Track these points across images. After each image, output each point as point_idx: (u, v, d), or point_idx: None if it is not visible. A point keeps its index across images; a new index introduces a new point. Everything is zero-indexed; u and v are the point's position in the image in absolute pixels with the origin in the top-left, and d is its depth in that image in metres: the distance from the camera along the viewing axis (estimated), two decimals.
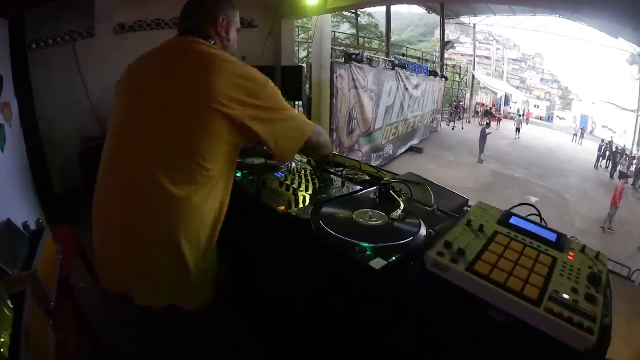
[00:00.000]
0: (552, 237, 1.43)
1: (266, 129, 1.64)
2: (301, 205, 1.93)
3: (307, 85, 8.90)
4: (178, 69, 1.62)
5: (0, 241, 2.01)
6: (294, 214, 1.81)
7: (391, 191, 1.92)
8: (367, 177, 2.45)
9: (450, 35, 29.79)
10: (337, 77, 9.60)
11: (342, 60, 10.34)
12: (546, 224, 1.65)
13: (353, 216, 1.71)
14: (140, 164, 1.55)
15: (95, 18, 5.53)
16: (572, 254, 1.34)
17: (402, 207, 1.74)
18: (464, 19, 31.76)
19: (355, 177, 2.43)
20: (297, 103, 8.00)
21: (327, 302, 1.66)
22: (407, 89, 15.60)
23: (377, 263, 1.34)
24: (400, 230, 1.58)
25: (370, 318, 1.49)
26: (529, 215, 1.68)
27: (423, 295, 1.29)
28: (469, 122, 30.36)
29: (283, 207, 1.88)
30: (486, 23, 32.81)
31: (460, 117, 29.47)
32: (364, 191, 2.11)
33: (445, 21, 26.06)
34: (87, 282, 3.04)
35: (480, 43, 40.66)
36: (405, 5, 29.89)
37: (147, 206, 1.54)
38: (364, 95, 11.40)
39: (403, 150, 17.02)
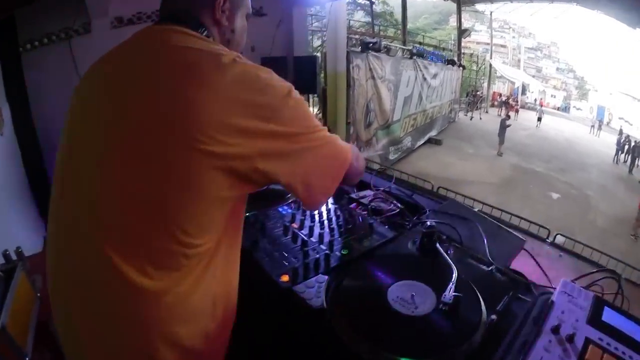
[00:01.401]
0: None
1: (289, 168, 1.06)
2: (313, 271, 1.37)
3: (322, 76, 8.50)
4: (143, 82, 1.02)
5: None
6: (301, 293, 1.26)
7: (438, 245, 1.41)
8: (398, 207, 1.92)
9: (465, 23, 29.50)
10: (353, 67, 9.22)
11: (359, 50, 9.94)
12: (622, 292, 1.34)
13: (388, 298, 1.17)
14: (87, 238, 0.99)
15: (89, 12, 5.15)
16: None
17: (455, 276, 1.23)
18: (479, 6, 31.44)
19: (385, 207, 1.92)
20: (311, 95, 7.60)
21: None
22: (425, 79, 15.34)
23: None
24: (453, 324, 1.10)
25: None
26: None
27: None
28: (487, 112, 30.35)
29: (286, 278, 1.34)
30: (502, 10, 32.52)
31: (477, 107, 29.25)
32: (399, 239, 1.61)
33: (461, 8, 25.74)
34: None
35: (495, 31, 40.58)
36: None
37: (104, 301, 0.99)
38: (381, 86, 11.05)
39: (421, 142, 16.77)
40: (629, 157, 20.79)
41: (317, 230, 1.65)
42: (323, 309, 1.18)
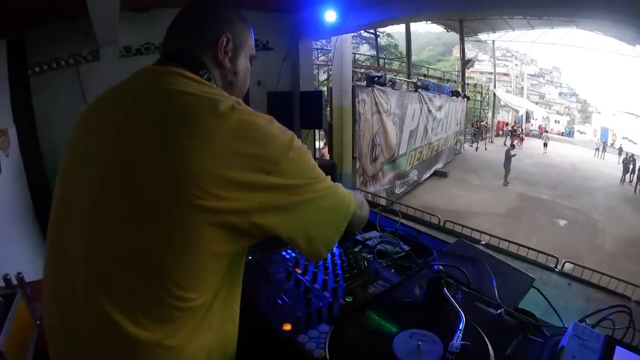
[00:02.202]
0: None
1: (290, 222, 1.02)
2: (316, 320, 1.33)
3: (328, 111, 8.55)
4: (138, 128, 0.99)
5: None
6: (304, 344, 1.21)
7: (445, 290, 1.39)
8: (405, 250, 1.91)
9: (468, 52, 29.69)
10: (359, 102, 9.30)
11: (364, 84, 9.98)
12: (634, 326, 1.34)
13: (394, 348, 1.14)
14: (82, 287, 0.96)
15: (98, 40, 5.24)
16: None
17: (463, 324, 1.20)
18: (482, 36, 31.86)
19: (391, 249, 1.90)
20: (317, 130, 7.60)
21: None
22: (430, 111, 15.43)
23: None
24: None
25: None
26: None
27: None
28: (492, 142, 30.34)
29: (289, 327, 1.29)
30: (504, 39, 32.88)
31: (482, 137, 29.21)
32: (406, 284, 1.58)
33: (464, 38, 25.88)
34: None
35: (498, 60, 40.91)
36: (423, 24, 29.88)
37: (97, 348, 0.95)
38: (387, 120, 11.11)
39: (427, 175, 16.77)
40: (634, 176, 20.91)
41: (321, 276, 1.62)
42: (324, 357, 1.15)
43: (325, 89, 11.52)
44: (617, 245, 11.72)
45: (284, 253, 1.82)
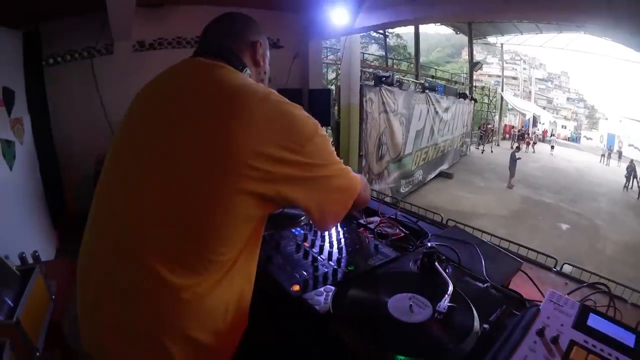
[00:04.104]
0: (631, 340, 1.12)
1: (308, 193, 1.24)
2: (321, 283, 1.53)
3: (335, 109, 8.70)
4: (195, 111, 1.19)
5: None
6: (311, 301, 1.42)
7: (436, 263, 1.55)
8: (404, 232, 2.08)
9: (477, 55, 29.59)
10: (366, 101, 9.35)
11: (372, 83, 10.07)
12: (614, 305, 1.46)
13: (389, 306, 1.32)
14: (127, 240, 1.16)
15: (113, 33, 5.38)
16: None
17: (451, 289, 1.37)
18: (491, 39, 31.59)
19: (390, 231, 2.07)
20: (325, 127, 7.74)
21: None
22: (437, 112, 15.44)
23: None
24: (448, 330, 1.23)
25: None
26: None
27: None
28: (498, 145, 30.25)
29: (297, 287, 1.50)
30: (513, 42, 32.77)
31: (489, 140, 29.14)
32: (402, 259, 1.75)
33: (473, 41, 25.83)
34: None
35: (506, 63, 40.72)
36: (432, 26, 29.81)
37: (132, 291, 1.14)
38: (394, 120, 11.17)
39: (433, 175, 16.77)
40: (636, 182, 20.86)
41: (326, 249, 1.81)
42: (329, 314, 1.32)
43: (333, 87, 11.59)
44: (618, 250, 11.75)
45: (293, 230, 2.01)
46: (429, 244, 1.76)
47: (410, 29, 19.09)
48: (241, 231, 1.20)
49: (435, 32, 39.08)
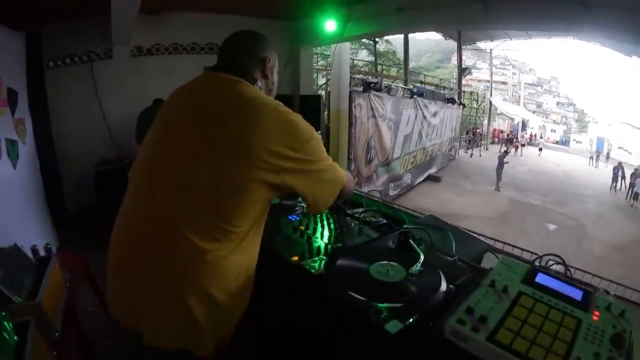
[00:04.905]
0: (578, 295, 1.36)
1: (305, 183, 1.57)
2: (315, 255, 1.89)
3: (325, 114, 8.92)
4: (220, 117, 1.51)
5: (5, 267, 1.98)
6: (307, 266, 1.76)
7: (410, 240, 1.87)
8: (385, 221, 2.40)
9: (466, 60, 29.81)
10: (355, 106, 9.55)
11: (361, 89, 10.22)
12: (571, 274, 1.66)
13: (370, 270, 1.65)
14: (164, 214, 1.48)
15: (113, 39, 5.61)
16: (597, 313, 1.28)
17: (422, 259, 1.69)
18: (480, 44, 31.80)
19: (374, 220, 2.38)
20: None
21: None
22: (425, 117, 15.55)
23: (393, 326, 1.29)
24: (419, 287, 1.53)
25: None
26: (551, 265, 1.69)
27: None
28: (487, 149, 30.29)
29: (296, 258, 1.85)
30: (502, 48, 32.95)
31: (477, 144, 29.36)
32: (382, 238, 2.07)
33: (462, 47, 26.03)
34: (95, 307, 3.01)
35: (496, 68, 40.67)
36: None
37: (164, 254, 1.45)
38: (382, 124, 11.33)
39: (421, 179, 16.87)
40: (624, 182, 21.11)
41: (319, 230, 2.18)
42: (322, 275, 1.66)
43: (323, 93, 11.81)
44: (606, 250, 11.91)
45: (290, 217, 2.38)
46: (405, 227, 2.08)
47: (400, 35, 19.22)
48: (253, 210, 1.52)
49: (425, 38, 39.40)
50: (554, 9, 4.56)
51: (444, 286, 1.54)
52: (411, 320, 1.32)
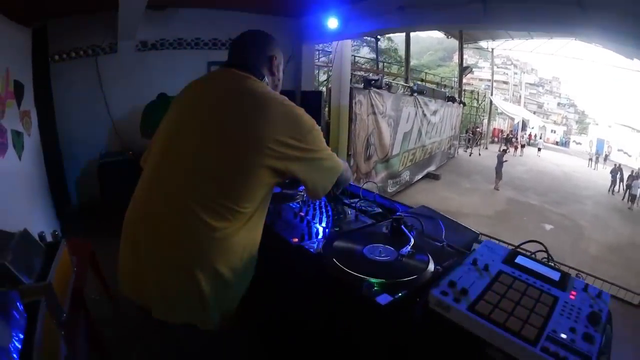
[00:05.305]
0: (556, 276, 1.44)
1: (306, 170, 1.70)
2: (314, 237, 2.04)
3: (326, 110, 9.00)
4: (232, 108, 1.65)
5: (16, 250, 2.06)
6: (307, 247, 1.90)
7: (402, 226, 1.99)
8: (380, 210, 2.53)
9: (468, 59, 29.76)
10: (355, 103, 9.61)
11: (361, 86, 10.29)
12: (553, 260, 1.70)
13: (364, 251, 1.78)
14: (178, 194, 1.60)
15: (119, 34, 5.69)
16: (574, 292, 1.36)
17: (412, 242, 1.82)
18: (482, 43, 31.77)
19: (369, 209, 2.51)
20: None
21: (337, 332, 1.73)
22: (425, 115, 15.58)
23: (383, 298, 1.42)
24: (409, 267, 1.66)
25: (378, 352, 1.55)
26: (536, 252, 1.73)
27: (426, 331, 1.34)
28: (486, 148, 30.26)
29: (296, 239, 1.99)
30: (504, 47, 32.79)
31: (477, 143, 29.34)
32: (376, 225, 2.20)
33: (464, 45, 26.02)
34: (100, 294, 3.12)
35: (498, 67, 40.29)
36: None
37: (176, 231, 1.58)
38: (382, 121, 11.39)
39: (420, 176, 16.89)
40: (623, 184, 21.11)
41: (317, 216, 2.31)
42: (321, 255, 1.80)
43: (324, 89, 11.87)
44: (601, 250, 12.00)
45: (292, 205, 2.51)
46: (398, 214, 2.20)
47: (402, 32, 19.22)
48: (259, 192, 1.64)
49: (428, 36, 39.36)
50: (551, 10, 4.60)
51: (431, 267, 1.66)
52: (400, 294, 1.45)
